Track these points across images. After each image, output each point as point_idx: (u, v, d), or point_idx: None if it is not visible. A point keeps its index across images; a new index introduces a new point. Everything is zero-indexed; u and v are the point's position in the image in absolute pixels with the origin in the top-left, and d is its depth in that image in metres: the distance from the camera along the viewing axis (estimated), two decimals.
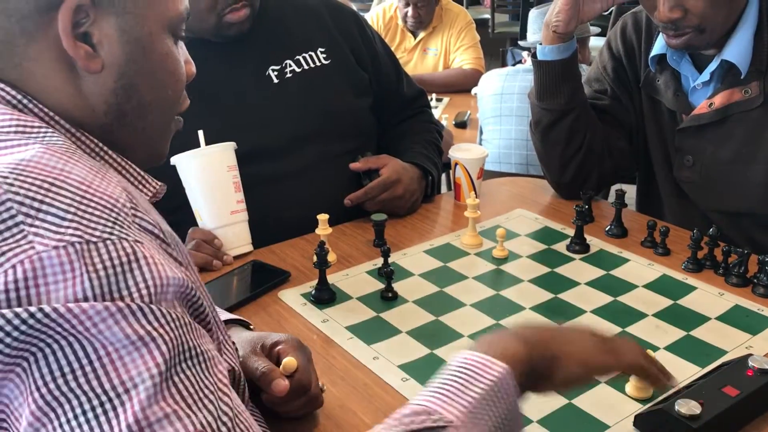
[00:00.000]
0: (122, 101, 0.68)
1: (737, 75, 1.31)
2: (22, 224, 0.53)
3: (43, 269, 0.51)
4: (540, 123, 1.49)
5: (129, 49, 0.67)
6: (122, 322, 0.52)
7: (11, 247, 0.52)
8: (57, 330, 0.51)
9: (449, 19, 3.23)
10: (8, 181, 0.54)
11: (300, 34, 1.47)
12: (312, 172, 1.43)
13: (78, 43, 0.64)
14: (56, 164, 0.57)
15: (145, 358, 0.52)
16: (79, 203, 0.55)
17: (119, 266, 0.54)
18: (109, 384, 0.51)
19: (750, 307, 1.13)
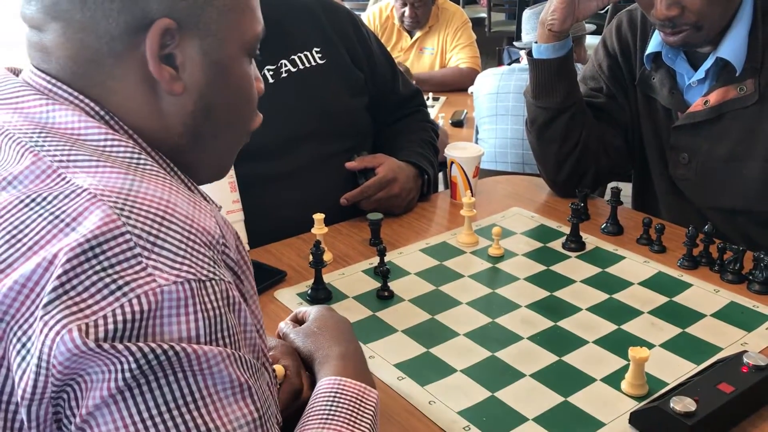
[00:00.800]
0: (199, 123, 0.68)
1: (732, 72, 1.31)
2: (140, 256, 0.54)
3: (162, 302, 0.53)
4: (536, 121, 1.49)
5: (210, 72, 0.67)
6: (231, 366, 0.55)
7: (134, 278, 0.53)
8: (175, 365, 0.52)
9: (445, 18, 3.23)
10: (125, 214, 0.55)
11: (295, 33, 1.47)
12: (308, 171, 1.43)
13: (163, 66, 0.64)
14: (162, 195, 0.58)
15: (245, 402, 0.55)
16: (187, 239, 0.56)
17: (223, 308, 0.56)
18: (212, 423, 0.53)
19: (745, 303, 1.13)
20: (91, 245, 0.53)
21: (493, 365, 1.01)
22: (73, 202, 0.56)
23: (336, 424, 0.72)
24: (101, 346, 0.51)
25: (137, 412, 0.52)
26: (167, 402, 0.52)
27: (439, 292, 1.20)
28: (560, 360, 1.01)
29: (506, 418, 0.90)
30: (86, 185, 0.57)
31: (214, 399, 0.54)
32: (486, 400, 0.94)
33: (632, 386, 0.94)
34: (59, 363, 0.51)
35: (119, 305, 0.52)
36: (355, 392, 0.77)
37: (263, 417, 0.57)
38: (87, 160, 0.60)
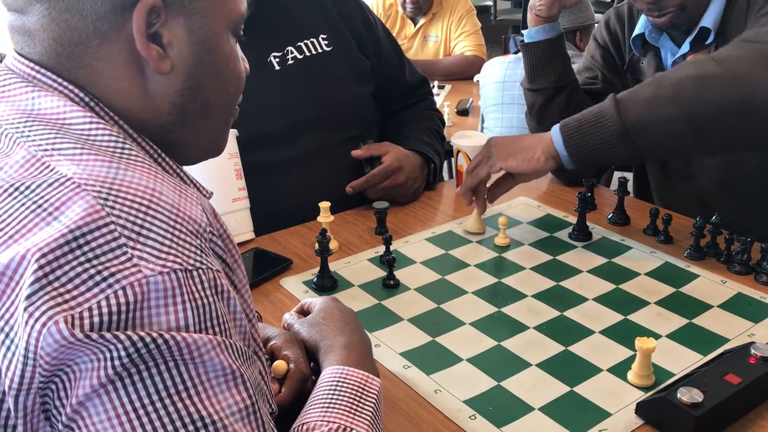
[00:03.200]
0: (187, 101, 0.68)
1: (705, 39, 1.37)
2: (125, 246, 0.53)
3: (149, 293, 0.52)
4: (534, 106, 1.51)
5: (196, 50, 0.67)
6: (222, 354, 0.54)
7: (119, 269, 0.52)
8: (165, 354, 0.52)
9: (449, 5, 3.21)
10: (108, 203, 0.54)
11: (302, 20, 1.46)
12: (314, 159, 1.42)
13: (150, 44, 0.64)
14: (147, 183, 0.57)
15: (237, 389, 0.55)
16: (173, 228, 0.56)
17: (212, 296, 0.56)
18: (205, 411, 0.53)
19: (752, 294, 1.13)
20: (74, 236, 0.52)
21: (499, 354, 1.00)
22: (56, 191, 0.55)
23: (337, 412, 0.72)
24: (89, 336, 0.50)
25: (128, 402, 0.51)
26: (158, 391, 0.52)
27: (445, 281, 1.19)
28: (566, 350, 1.01)
29: (512, 407, 0.90)
30: (70, 174, 0.56)
31: (205, 387, 0.54)
32: (492, 389, 0.94)
33: (639, 377, 0.94)
34: (47, 354, 0.51)
35: (105, 297, 0.51)
36: (358, 380, 0.78)
37: (255, 404, 0.56)
38: (71, 147, 0.59)
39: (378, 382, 0.79)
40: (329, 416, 0.72)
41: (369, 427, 0.72)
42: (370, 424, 0.73)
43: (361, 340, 0.88)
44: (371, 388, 0.78)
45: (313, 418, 0.72)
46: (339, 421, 0.71)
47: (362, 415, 0.73)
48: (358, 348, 0.86)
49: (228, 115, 0.75)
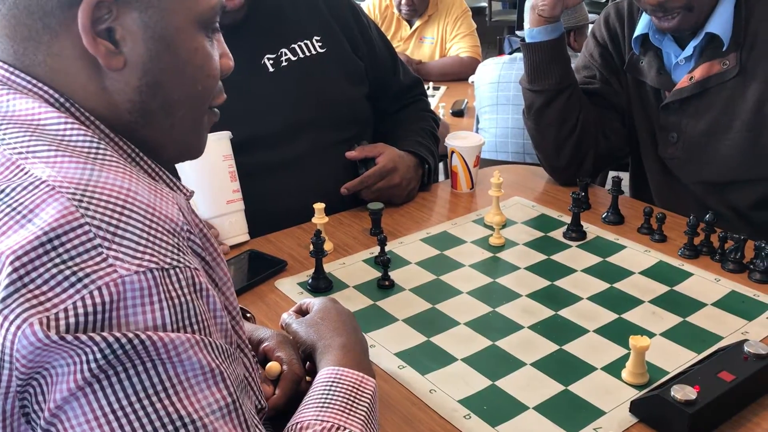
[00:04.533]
0: (147, 99, 0.66)
1: (717, 48, 1.35)
2: (100, 247, 0.53)
3: (125, 293, 0.52)
4: (533, 106, 1.50)
5: (153, 46, 0.64)
6: (201, 353, 0.54)
7: (94, 269, 0.52)
8: (142, 354, 0.52)
9: (445, 7, 3.21)
10: (83, 205, 0.54)
11: (295, 22, 1.47)
12: (308, 160, 1.42)
13: (98, 40, 0.62)
14: (122, 184, 0.57)
15: (217, 387, 0.54)
16: (149, 227, 0.55)
17: (189, 294, 0.55)
18: (184, 410, 0.53)
19: (746, 292, 1.13)
20: (48, 237, 0.52)
21: (494, 354, 1.01)
22: (30, 194, 0.55)
23: (331, 412, 0.72)
24: (64, 338, 0.50)
25: (107, 404, 0.51)
26: (137, 392, 0.52)
27: (440, 281, 1.20)
28: (561, 349, 1.01)
29: (507, 406, 0.91)
30: (44, 177, 0.56)
31: (184, 386, 0.53)
32: (486, 388, 0.94)
33: (633, 375, 0.94)
34: (22, 357, 0.50)
35: (80, 297, 0.51)
36: (352, 381, 0.78)
37: (236, 402, 0.56)
38: (46, 150, 0.59)
39: (373, 383, 0.80)
40: (323, 415, 0.72)
41: (363, 426, 0.72)
42: (364, 424, 0.73)
43: (358, 342, 0.88)
44: (366, 388, 0.78)
45: (307, 418, 0.72)
46: (333, 420, 0.71)
47: (356, 414, 0.73)
48: (355, 349, 0.85)
49: (199, 115, 0.72)
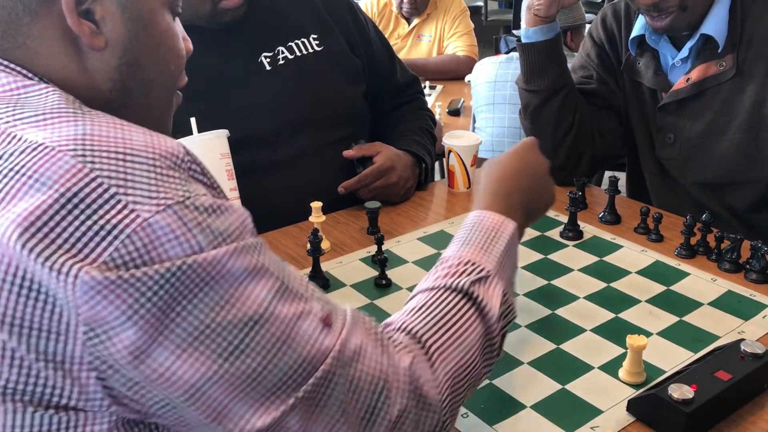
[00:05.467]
0: (126, 78, 0.68)
1: (713, 49, 1.35)
2: (117, 195, 0.54)
3: (154, 233, 0.54)
4: (529, 106, 1.50)
5: (131, 26, 0.67)
6: (240, 259, 0.57)
7: (119, 219, 0.53)
8: (193, 277, 0.54)
9: (444, 5, 3.22)
10: (88, 160, 0.55)
11: (293, 20, 1.46)
12: (305, 159, 1.42)
13: (82, 20, 0.64)
14: (116, 134, 0.58)
15: (264, 280, 0.58)
16: (154, 167, 0.57)
17: (210, 216, 0.57)
18: (246, 313, 0.56)
19: (742, 292, 1.14)
20: (66, 198, 0.53)
21: None
22: (31, 157, 0.55)
23: (468, 250, 0.78)
24: (121, 276, 0.52)
25: (177, 336, 0.54)
26: (200, 317, 0.54)
27: None
28: (558, 348, 1.01)
29: (504, 405, 0.91)
30: (40, 140, 0.56)
31: (237, 294, 0.56)
32: (484, 387, 0.94)
33: (630, 374, 0.94)
34: (84, 303, 0.52)
35: (114, 248, 0.53)
36: (492, 224, 0.82)
37: (282, 281, 0.60)
38: (33, 115, 0.59)
39: (513, 226, 0.83)
40: (461, 252, 0.78)
41: (497, 264, 0.78)
42: (499, 262, 0.78)
43: (518, 191, 0.88)
44: (505, 230, 0.82)
45: (448, 253, 0.79)
46: (469, 256, 0.77)
47: (491, 253, 0.79)
48: (510, 197, 0.87)
49: (170, 94, 0.75)
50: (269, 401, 0.57)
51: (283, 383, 0.57)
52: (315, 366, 0.59)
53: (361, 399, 0.62)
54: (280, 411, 0.57)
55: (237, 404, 0.56)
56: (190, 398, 0.55)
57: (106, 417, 0.56)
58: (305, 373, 0.58)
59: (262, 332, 0.56)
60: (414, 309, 0.74)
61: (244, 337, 0.56)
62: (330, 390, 0.60)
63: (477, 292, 0.74)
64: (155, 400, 0.56)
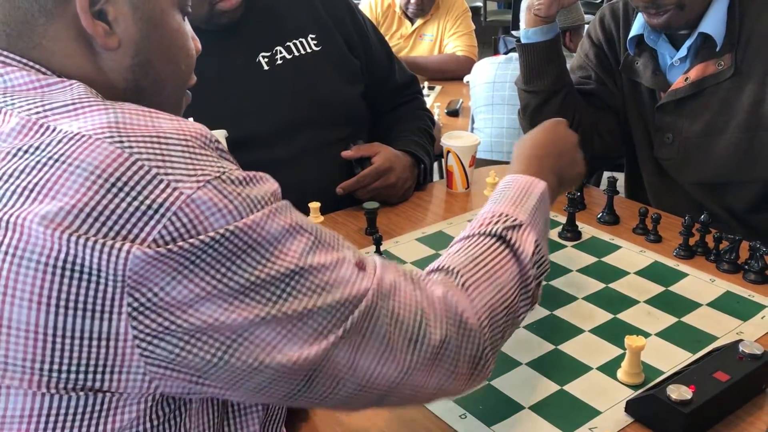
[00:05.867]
0: (139, 77, 0.69)
1: (712, 48, 1.35)
2: (159, 176, 0.56)
3: (198, 208, 0.56)
4: (528, 107, 1.50)
5: (143, 26, 0.68)
6: (276, 220, 0.60)
7: (163, 197, 0.55)
8: (236, 242, 0.57)
9: (446, 5, 3.22)
10: (126, 145, 0.57)
11: (291, 20, 1.46)
12: (303, 159, 1.42)
13: (96, 21, 0.65)
14: (145, 120, 0.60)
15: (300, 235, 0.62)
16: (186, 148, 0.59)
17: (245, 187, 0.60)
18: (287, 267, 0.59)
19: (741, 293, 1.14)
20: (111, 182, 0.55)
21: None
22: (68, 147, 0.56)
23: (502, 205, 0.84)
24: (170, 249, 0.55)
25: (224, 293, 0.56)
26: (245, 274, 0.57)
27: None
28: (556, 349, 1.01)
29: (502, 406, 0.90)
30: (75, 129, 0.58)
31: (277, 251, 0.59)
32: (482, 388, 0.94)
33: (628, 375, 0.94)
34: (134, 273, 0.54)
35: (162, 225, 0.55)
36: (523, 183, 0.87)
37: (315, 235, 0.64)
38: (62, 106, 0.60)
39: (543, 185, 0.88)
40: (494, 208, 0.84)
41: (529, 216, 0.83)
42: (530, 215, 0.83)
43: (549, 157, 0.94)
44: (535, 188, 0.87)
45: (483, 211, 0.85)
46: (501, 209, 0.83)
47: (523, 207, 0.84)
48: (541, 162, 0.93)
49: (180, 94, 0.76)
50: (315, 337, 0.60)
51: (328, 321, 0.61)
52: (356, 304, 0.62)
53: (402, 328, 0.65)
54: (329, 342, 0.61)
55: (284, 341, 0.59)
56: (238, 339, 0.58)
57: (141, 399, 0.58)
58: (347, 311, 0.62)
59: (302, 281, 0.60)
60: (449, 254, 0.80)
61: (285, 287, 0.59)
62: (372, 322, 0.63)
63: (510, 235, 0.80)
64: (204, 358, 0.57)
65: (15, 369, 0.55)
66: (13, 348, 0.55)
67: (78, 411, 0.57)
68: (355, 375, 0.63)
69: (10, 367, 0.55)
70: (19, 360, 0.55)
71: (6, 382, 0.56)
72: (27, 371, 0.55)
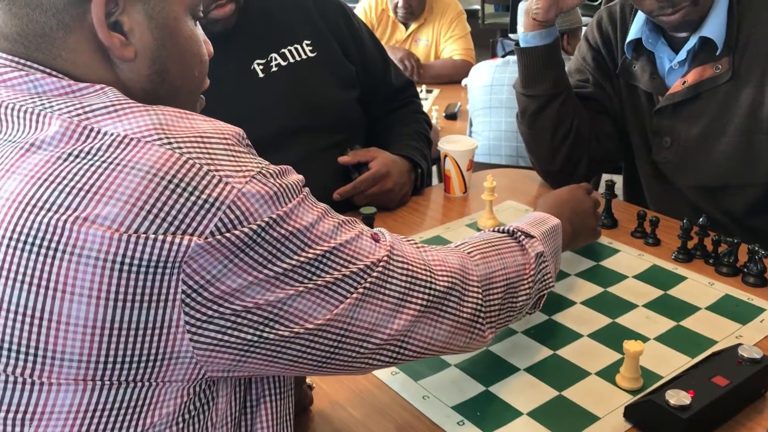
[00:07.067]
0: (156, 87, 0.70)
1: (710, 52, 1.34)
2: (210, 172, 0.59)
3: (249, 200, 0.60)
4: (527, 111, 1.49)
5: (158, 35, 0.69)
6: (307, 207, 0.66)
7: (218, 192, 0.59)
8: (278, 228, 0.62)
9: (440, 9, 3.22)
10: (174, 146, 0.59)
11: (285, 26, 1.46)
12: (300, 165, 1.39)
13: (112, 33, 0.66)
14: (185, 122, 0.63)
15: (326, 218, 0.68)
16: (227, 147, 0.63)
17: (282, 176, 0.64)
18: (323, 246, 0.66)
19: (740, 296, 1.13)
20: (168, 180, 0.57)
21: (488, 360, 1.00)
22: (119, 151, 0.59)
23: (519, 224, 0.97)
24: (227, 237, 0.58)
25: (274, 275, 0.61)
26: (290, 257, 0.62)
27: None
28: (555, 354, 1.01)
29: (500, 412, 0.90)
30: (122, 132, 0.60)
31: (312, 232, 0.65)
32: (480, 394, 0.93)
33: (627, 380, 0.94)
34: (190, 258, 0.57)
35: (218, 218, 0.58)
36: (541, 216, 1.02)
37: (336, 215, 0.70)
38: (102, 107, 0.62)
39: (556, 221, 1.02)
40: (514, 224, 0.96)
41: (543, 237, 0.96)
42: (543, 234, 0.96)
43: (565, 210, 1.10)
44: (549, 221, 1.01)
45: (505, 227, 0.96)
46: (517, 225, 0.96)
47: (537, 228, 0.97)
48: (559, 211, 1.07)
49: (195, 99, 0.77)
50: (341, 300, 0.67)
51: (352, 286, 0.68)
52: (374, 268, 0.70)
53: (413, 281, 0.73)
54: (352, 300, 0.67)
55: (316, 308, 0.65)
56: (279, 312, 0.62)
57: (180, 393, 0.61)
58: (367, 275, 0.69)
59: (333, 258, 0.66)
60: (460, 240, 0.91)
61: (319, 264, 0.65)
62: (388, 281, 0.71)
63: (520, 236, 0.93)
64: (248, 334, 0.62)
65: (71, 365, 0.57)
66: (70, 344, 0.57)
67: (121, 404, 0.59)
68: (376, 328, 0.70)
69: (66, 363, 0.57)
70: (75, 355, 0.57)
71: (61, 378, 0.57)
72: (82, 366, 0.57)
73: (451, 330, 0.78)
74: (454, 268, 0.80)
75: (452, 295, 0.78)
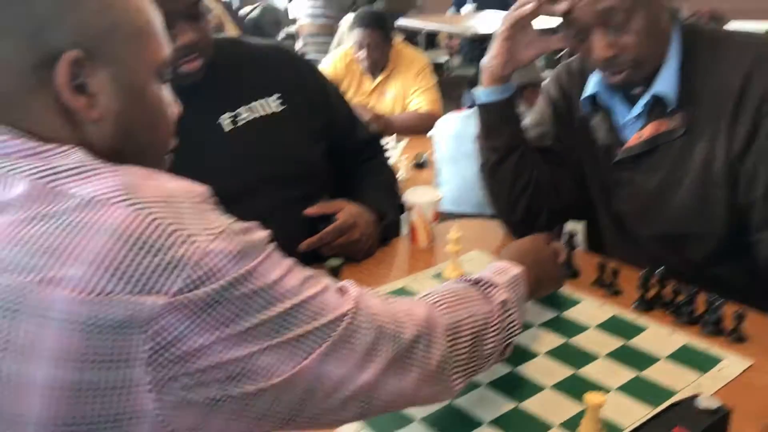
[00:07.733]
0: (123, 146, 0.71)
1: (664, 108, 1.38)
2: (176, 231, 0.60)
3: (215, 258, 0.61)
4: (487, 163, 1.53)
5: (123, 97, 0.70)
6: (270, 261, 0.67)
7: (183, 250, 0.60)
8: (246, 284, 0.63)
9: (407, 61, 3.28)
10: (140, 206, 0.60)
11: (255, 81, 1.48)
12: (267, 218, 1.40)
13: (77, 95, 0.66)
14: (152, 183, 0.64)
15: (291, 274, 0.69)
16: (194, 205, 0.64)
17: (246, 234, 0.66)
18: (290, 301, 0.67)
19: (698, 345, 1.15)
20: (133, 241, 0.58)
21: (452, 413, 1.00)
22: (86, 213, 0.60)
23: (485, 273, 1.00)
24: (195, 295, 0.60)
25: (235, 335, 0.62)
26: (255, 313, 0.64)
27: None
28: (518, 406, 1.01)
29: None
30: (89, 194, 0.61)
31: (277, 292, 0.66)
32: None
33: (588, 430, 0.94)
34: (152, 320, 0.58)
35: (185, 276, 0.59)
36: (503, 265, 1.03)
37: (300, 269, 0.72)
38: (69, 169, 0.63)
39: (520, 269, 1.03)
40: (479, 274, 0.98)
41: (507, 285, 0.97)
42: (508, 284, 0.98)
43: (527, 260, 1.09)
44: (512, 270, 1.02)
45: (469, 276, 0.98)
46: (484, 275, 0.98)
47: (499, 277, 0.98)
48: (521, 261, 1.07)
49: (161, 159, 0.78)
50: (308, 353, 0.67)
51: (319, 339, 0.68)
52: (340, 321, 0.71)
53: (379, 334, 0.74)
54: (319, 355, 0.68)
55: (280, 363, 0.65)
56: (243, 369, 0.63)
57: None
58: (334, 327, 0.70)
59: (298, 313, 0.67)
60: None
61: (285, 320, 0.66)
62: (355, 334, 0.72)
63: (484, 284, 0.95)
64: (213, 391, 0.62)
65: (37, 429, 0.58)
66: (35, 407, 0.58)
67: None
68: (343, 382, 0.70)
69: (31, 427, 0.58)
70: (42, 418, 0.58)
71: None
72: (49, 430, 0.58)
73: (419, 380, 0.79)
74: (421, 318, 0.81)
75: (419, 344, 0.79)
